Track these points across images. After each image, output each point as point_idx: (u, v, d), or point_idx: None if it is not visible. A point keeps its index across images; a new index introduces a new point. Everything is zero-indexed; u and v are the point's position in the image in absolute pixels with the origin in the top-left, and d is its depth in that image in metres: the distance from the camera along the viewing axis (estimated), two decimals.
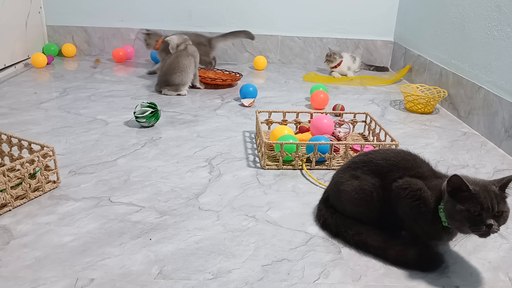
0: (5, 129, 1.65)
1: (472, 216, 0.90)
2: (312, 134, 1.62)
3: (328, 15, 2.91)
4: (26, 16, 2.60)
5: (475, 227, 0.90)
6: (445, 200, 0.94)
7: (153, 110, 1.72)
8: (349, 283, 0.95)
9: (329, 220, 1.12)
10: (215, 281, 0.93)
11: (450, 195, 0.93)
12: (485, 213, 0.89)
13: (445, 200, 0.94)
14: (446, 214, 0.94)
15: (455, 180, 0.91)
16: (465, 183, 0.90)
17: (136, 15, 2.86)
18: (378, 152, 1.11)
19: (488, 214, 0.89)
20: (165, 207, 1.20)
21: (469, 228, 0.91)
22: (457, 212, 0.91)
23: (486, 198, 0.89)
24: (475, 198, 0.89)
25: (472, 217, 0.90)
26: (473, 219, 0.90)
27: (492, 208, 0.89)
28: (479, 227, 0.89)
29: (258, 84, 2.47)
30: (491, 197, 0.89)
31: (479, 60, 1.92)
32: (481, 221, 0.89)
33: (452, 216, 0.93)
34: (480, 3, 1.94)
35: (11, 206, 1.15)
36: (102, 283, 0.91)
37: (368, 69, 2.92)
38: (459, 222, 0.92)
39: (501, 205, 0.90)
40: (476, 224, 0.90)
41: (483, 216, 0.89)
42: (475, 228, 0.90)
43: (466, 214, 0.90)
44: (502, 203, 0.91)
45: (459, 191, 0.91)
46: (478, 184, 0.92)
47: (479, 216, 0.89)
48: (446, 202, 0.94)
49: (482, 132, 1.85)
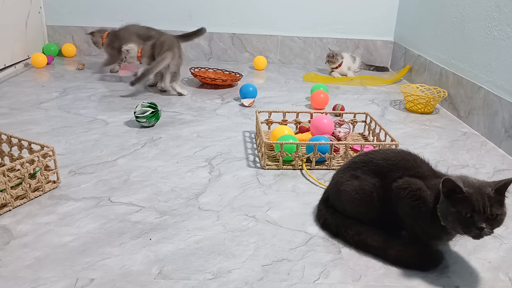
0: (5, 129, 1.65)
1: (464, 218, 0.90)
2: (312, 134, 1.62)
3: (328, 15, 2.91)
4: (26, 16, 2.60)
5: (466, 228, 0.90)
6: (440, 200, 0.94)
7: (153, 110, 1.72)
8: (349, 283, 0.95)
9: (329, 220, 1.12)
10: (215, 281, 0.93)
11: (445, 196, 0.93)
12: (477, 215, 0.89)
13: (440, 200, 0.94)
14: (440, 214, 0.95)
15: (448, 183, 0.91)
16: (458, 185, 0.89)
17: (136, 15, 2.86)
18: (378, 152, 1.11)
19: (479, 217, 0.89)
20: (165, 207, 1.20)
21: (461, 230, 0.92)
22: (450, 213, 0.92)
23: (479, 200, 0.89)
24: (468, 201, 0.89)
25: (464, 219, 0.90)
26: (465, 221, 0.90)
27: (484, 211, 0.88)
28: (470, 229, 0.90)
29: (258, 84, 2.47)
30: (484, 200, 0.89)
31: (479, 60, 1.92)
32: (473, 224, 0.89)
33: (445, 217, 0.93)
34: (480, 3, 1.94)
35: (11, 206, 1.15)
36: (102, 283, 0.91)
37: (368, 69, 2.92)
38: (452, 223, 0.92)
39: (495, 208, 0.89)
40: (468, 226, 0.90)
41: (474, 218, 0.89)
42: (466, 230, 0.90)
43: (458, 216, 0.90)
44: (496, 206, 0.90)
45: (454, 192, 0.91)
46: (473, 186, 0.91)
47: (471, 218, 0.89)
48: (441, 203, 0.94)
49: (482, 132, 1.85)
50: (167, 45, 2.13)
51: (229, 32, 2.92)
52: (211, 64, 2.85)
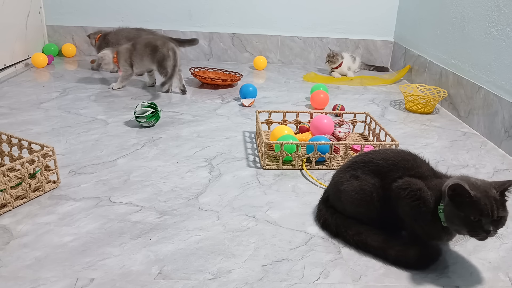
0: (5, 129, 1.65)
1: (471, 221, 0.89)
2: (312, 134, 1.62)
3: (328, 15, 2.91)
4: (26, 16, 2.60)
5: (474, 232, 0.90)
6: (445, 203, 0.93)
7: (153, 110, 1.72)
8: (349, 283, 0.95)
9: (329, 220, 1.12)
10: (215, 281, 0.93)
11: (450, 199, 0.92)
12: (485, 219, 0.89)
13: (445, 203, 0.93)
14: (445, 217, 0.94)
15: (458, 188, 0.89)
16: (467, 190, 0.88)
17: (136, 15, 2.86)
18: (378, 152, 1.11)
19: (487, 220, 0.89)
20: (165, 207, 1.20)
21: (467, 233, 0.91)
22: (457, 217, 0.91)
23: (487, 204, 0.88)
24: (476, 205, 0.89)
25: (472, 222, 0.89)
26: (472, 225, 0.89)
27: (492, 214, 0.88)
28: (478, 233, 0.90)
29: (258, 84, 2.47)
30: (492, 204, 0.88)
31: (479, 60, 1.92)
32: (480, 227, 0.89)
33: (451, 220, 0.93)
34: (480, 3, 1.94)
35: (11, 206, 1.15)
36: (102, 283, 0.91)
37: (368, 69, 2.92)
38: (458, 226, 0.92)
39: (500, 210, 0.89)
40: (475, 230, 0.90)
41: (482, 222, 0.89)
42: (474, 233, 0.90)
43: (466, 220, 0.90)
44: (502, 208, 0.90)
45: (460, 196, 0.90)
46: (479, 189, 0.90)
47: (478, 221, 0.89)
48: (446, 206, 0.93)
49: (482, 132, 1.85)
50: (161, 46, 2.12)
51: (229, 32, 2.92)
52: (211, 64, 2.85)
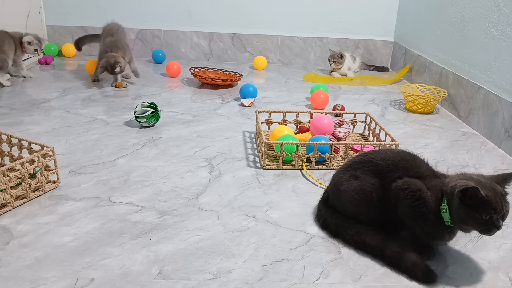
0: (5, 129, 1.65)
1: (484, 220, 0.91)
2: (312, 134, 1.62)
3: (328, 15, 2.91)
4: (26, 16, 2.60)
5: (487, 229, 0.92)
6: (456, 205, 0.93)
7: (153, 110, 1.72)
8: (349, 283, 0.95)
9: (329, 220, 1.12)
10: (215, 281, 0.93)
11: (461, 201, 0.92)
12: (496, 215, 0.90)
13: (456, 205, 0.93)
14: (456, 218, 0.94)
15: (469, 191, 0.90)
16: (480, 192, 0.89)
17: (136, 15, 2.86)
18: (378, 152, 1.10)
19: (497, 216, 0.91)
20: (165, 207, 1.20)
21: (480, 232, 0.93)
22: (471, 218, 0.92)
23: (498, 202, 0.90)
24: (489, 204, 0.90)
25: (485, 221, 0.91)
26: (486, 223, 0.91)
27: (502, 210, 0.91)
28: (490, 229, 0.92)
29: (258, 84, 2.47)
30: (500, 200, 0.91)
31: (479, 60, 1.92)
32: (492, 224, 0.91)
33: (463, 221, 0.93)
34: (480, 3, 1.94)
35: (11, 206, 1.15)
36: (102, 283, 0.91)
37: (368, 69, 2.92)
38: (470, 225, 0.94)
39: (506, 204, 0.92)
40: (488, 227, 0.91)
41: (493, 218, 0.90)
42: (487, 230, 0.92)
43: (480, 219, 0.91)
44: (506, 201, 0.92)
45: (472, 197, 0.91)
46: (487, 187, 0.91)
47: (490, 219, 0.91)
48: (458, 209, 0.93)
49: (482, 132, 1.85)
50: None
51: (229, 32, 2.92)
52: (211, 64, 2.85)
